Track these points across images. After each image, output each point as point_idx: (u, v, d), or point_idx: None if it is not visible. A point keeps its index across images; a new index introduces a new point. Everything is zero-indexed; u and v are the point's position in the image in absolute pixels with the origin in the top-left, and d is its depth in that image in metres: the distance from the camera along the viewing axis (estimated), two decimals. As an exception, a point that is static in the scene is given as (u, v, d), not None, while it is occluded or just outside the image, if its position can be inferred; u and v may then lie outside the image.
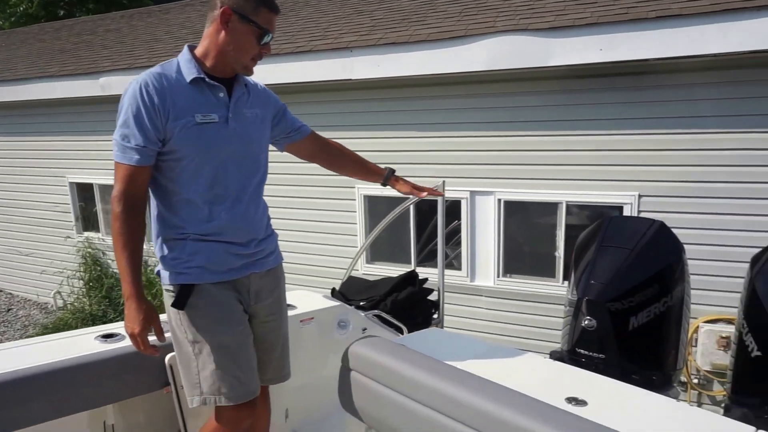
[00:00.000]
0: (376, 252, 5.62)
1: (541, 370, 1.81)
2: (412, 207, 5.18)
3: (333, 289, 3.70)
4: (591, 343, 2.55)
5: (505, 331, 5.02)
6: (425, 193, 2.40)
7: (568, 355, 2.68)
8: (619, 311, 2.48)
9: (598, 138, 4.40)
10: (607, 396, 1.63)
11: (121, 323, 1.88)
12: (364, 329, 2.90)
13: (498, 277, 4.96)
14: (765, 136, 3.91)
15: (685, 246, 2.71)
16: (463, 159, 4.94)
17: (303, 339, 2.56)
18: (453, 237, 5.31)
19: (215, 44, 1.77)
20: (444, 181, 3.48)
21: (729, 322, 4.09)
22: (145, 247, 1.78)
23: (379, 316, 3.15)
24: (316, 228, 5.80)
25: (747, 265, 4.04)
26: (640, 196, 4.31)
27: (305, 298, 2.75)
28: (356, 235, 5.58)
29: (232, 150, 1.80)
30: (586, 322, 2.52)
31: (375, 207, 5.46)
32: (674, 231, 2.74)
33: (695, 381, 4.32)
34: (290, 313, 2.56)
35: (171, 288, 1.79)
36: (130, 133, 1.67)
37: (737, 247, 3.98)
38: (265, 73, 5.34)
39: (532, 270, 4.93)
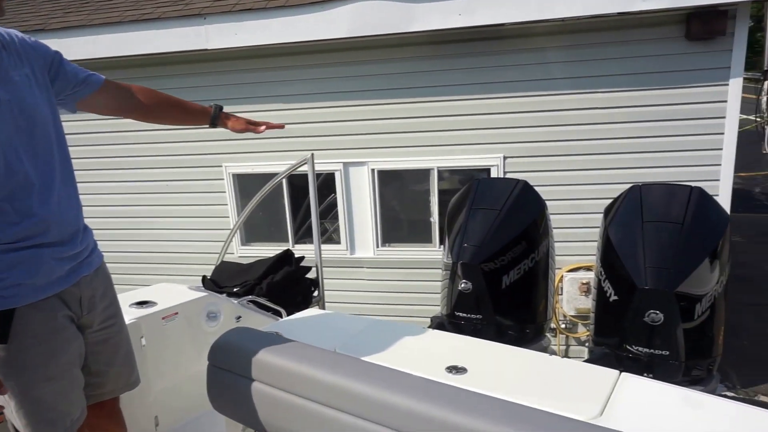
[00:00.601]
0: (252, 233, 5.36)
1: (421, 342, 1.77)
2: (285, 183, 4.98)
3: (204, 278, 3.44)
4: (468, 305, 2.59)
5: (389, 300, 5.06)
6: (263, 128, 1.97)
7: (448, 319, 2.71)
8: (492, 271, 2.53)
9: (463, 103, 4.48)
10: (486, 359, 1.62)
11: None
12: (238, 318, 2.71)
13: (377, 247, 4.95)
14: (608, 95, 4.22)
15: (547, 202, 2.83)
16: (333, 130, 4.81)
17: (167, 337, 2.32)
18: (331, 211, 5.21)
19: None
20: (312, 154, 3.34)
21: (588, 269, 4.44)
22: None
23: (254, 302, 2.97)
24: (183, 213, 5.38)
25: (601, 216, 4.37)
26: (505, 158, 4.48)
27: (167, 292, 2.49)
28: (228, 217, 5.26)
29: (13, 127, 1.39)
30: (463, 285, 2.55)
31: (245, 185, 5.17)
32: (537, 189, 2.85)
33: (563, 326, 4.67)
34: (150, 310, 2.30)
35: None
36: None
37: (592, 200, 4.30)
38: (107, 44, 4.78)
39: (409, 237, 4.98)
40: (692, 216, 2.24)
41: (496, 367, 1.57)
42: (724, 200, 4.06)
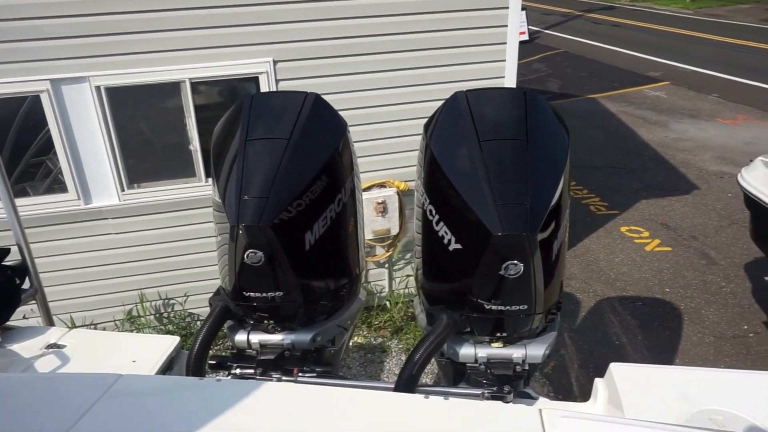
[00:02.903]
0: None
1: (203, 423, 0.97)
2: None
3: None
4: (260, 280, 1.82)
5: (149, 256, 3.99)
6: None
7: (235, 301, 1.91)
8: (290, 230, 1.78)
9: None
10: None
11: None
12: None
13: (123, 191, 3.76)
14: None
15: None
16: (24, 32, 3.30)
17: None
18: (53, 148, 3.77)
19: None
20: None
21: (382, 186, 3.97)
22: None
23: None
24: None
25: (397, 124, 3.86)
26: (275, 62, 3.59)
27: None
28: None
29: None
30: (250, 257, 1.75)
31: None
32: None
33: (360, 251, 4.22)
34: None
35: None
36: None
37: (382, 107, 3.73)
38: None
39: (165, 173, 3.88)
40: (535, 128, 1.75)
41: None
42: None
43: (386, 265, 4.35)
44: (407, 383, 1.59)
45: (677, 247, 5.74)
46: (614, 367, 1.74)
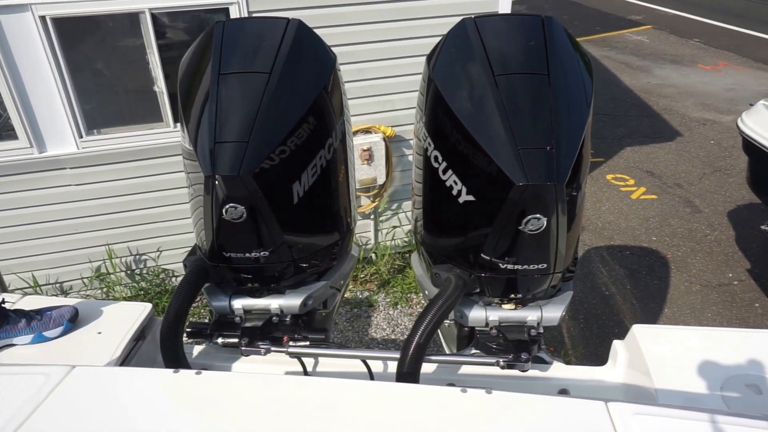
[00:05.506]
0: None
1: None
2: None
3: None
4: (242, 238, 1.59)
5: (112, 208, 3.69)
6: None
7: (213, 261, 1.68)
8: (275, 180, 1.54)
9: None
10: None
11: None
12: None
13: (81, 137, 3.42)
14: None
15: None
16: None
17: None
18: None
19: None
20: None
21: (367, 131, 3.71)
22: None
23: None
24: None
25: (383, 63, 3.55)
26: (247, -8, 3.23)
27: None
28: None
29: None
30: (229, 212, 1.51)
31: None
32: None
33: (343, 201, 3.99)
34: None
35: None
36: None
37: (370, 44, 3.42)
38: None
39: (129, 117, 3.54)
40: (556, 60, 1.52)
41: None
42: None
43: (372, 217, 4.14)
44: (415, 352, 1.41)
45: (662, 195, 5.66)
46: (637, 329, 1.59)
